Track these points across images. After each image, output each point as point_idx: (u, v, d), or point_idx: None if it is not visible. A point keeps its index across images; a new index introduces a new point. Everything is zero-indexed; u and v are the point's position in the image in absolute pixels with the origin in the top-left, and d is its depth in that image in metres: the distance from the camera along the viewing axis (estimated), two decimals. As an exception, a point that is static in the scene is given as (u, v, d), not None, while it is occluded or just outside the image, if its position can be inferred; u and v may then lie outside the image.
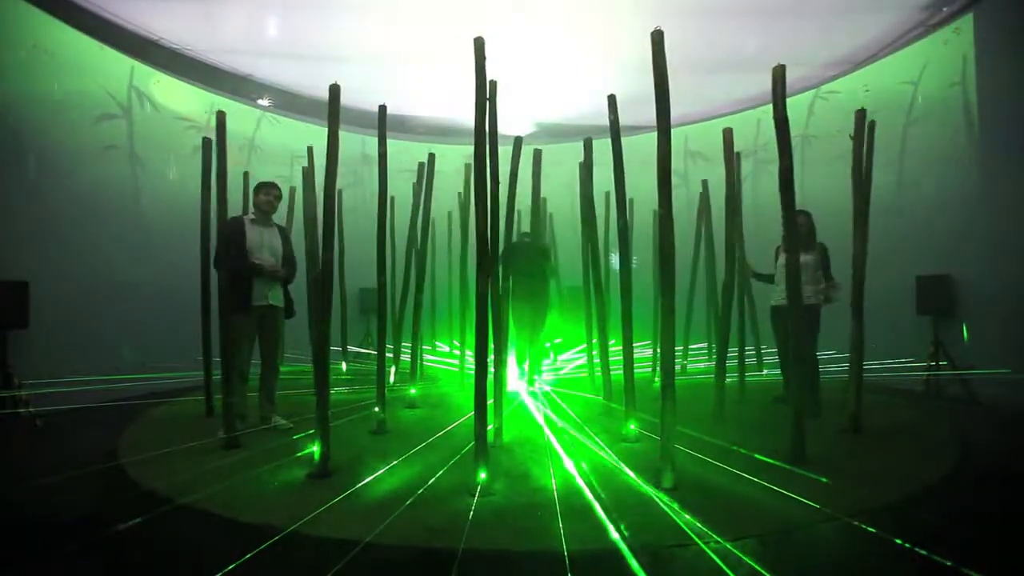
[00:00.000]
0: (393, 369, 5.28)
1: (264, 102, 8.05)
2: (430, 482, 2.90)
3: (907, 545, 2.15)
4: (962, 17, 5.62)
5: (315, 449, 3.09)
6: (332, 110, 3.28)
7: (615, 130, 3.92)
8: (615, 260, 7.94)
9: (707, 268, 6.08)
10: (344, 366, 6.88)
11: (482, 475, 2.80)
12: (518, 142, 4.34)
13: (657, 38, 2.96)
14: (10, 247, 4.77)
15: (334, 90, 3.29)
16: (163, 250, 6.14)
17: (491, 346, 3.16)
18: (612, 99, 3.95)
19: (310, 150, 5.72)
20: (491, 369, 3.71)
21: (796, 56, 6.68)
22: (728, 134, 4.27)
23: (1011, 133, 5.05)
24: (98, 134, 5.85)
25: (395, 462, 3.26)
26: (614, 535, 2.27)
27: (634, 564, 2.05)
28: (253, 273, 3.97)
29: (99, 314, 5.42)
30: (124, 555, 2.28)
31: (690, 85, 6.52)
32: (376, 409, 4.11)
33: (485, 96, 3.07)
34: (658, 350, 3.39)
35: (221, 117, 3.84)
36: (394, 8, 5.75)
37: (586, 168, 4.74)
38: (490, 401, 3.03)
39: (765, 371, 6.00)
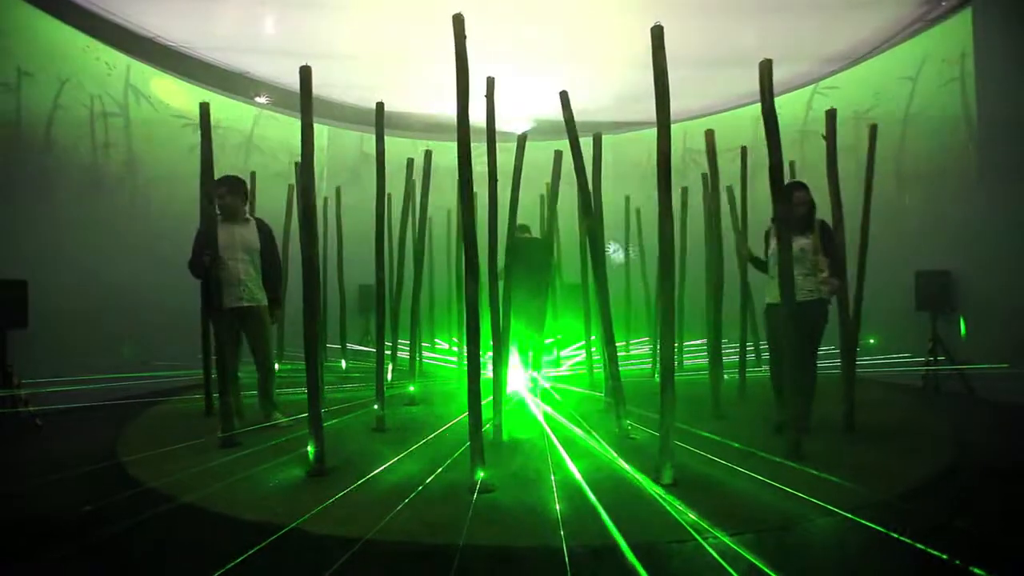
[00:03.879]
0: (391, 366, 5.28)
1: (261, 99, 8.03)
2: (428, 480, 2.91)
3: (904, 539, 2.15)
4: (960, 12, 5.61)
5: (309, 448, 3.08)
6: (304, 95, 3.10)
7: (571, 128, 3.86)
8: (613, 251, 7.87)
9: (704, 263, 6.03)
10: (344, 364, 6.88)
11: (480, 473, 2.80)
12: (522, 139, 4.31)
13: (657, 33, 2.94)
14: (9, 246, 4.76)
15: (304, 72, 3.09)
16: (162, 248, 6.12)
17: (489, 344, 3.15)
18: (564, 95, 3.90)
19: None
20: (490, 366, 3.73)
21: (795, 51, 6.66)
22: (710, 136, 4.22)
23: (1009, 129, 5.03)
24: (96, 132, 5.83)
25: (395, 459, 3.27)
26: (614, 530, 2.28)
27: (632, 559, 2.06)
28: (203, 271, 3.71)
29: (98, 313, 5.40)
30: (124, 553, 2.29)
31: (689, 80, 6.51)
32: (375, 406, 4.12)
33: (466, 78, 2.93)
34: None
35: (205, 108, 3.72)
36: (392, 5, 5.73)
37: (574, 169, 4.69)
38: (489, 399, 3.03)
39: (765, 367, 5.98)
